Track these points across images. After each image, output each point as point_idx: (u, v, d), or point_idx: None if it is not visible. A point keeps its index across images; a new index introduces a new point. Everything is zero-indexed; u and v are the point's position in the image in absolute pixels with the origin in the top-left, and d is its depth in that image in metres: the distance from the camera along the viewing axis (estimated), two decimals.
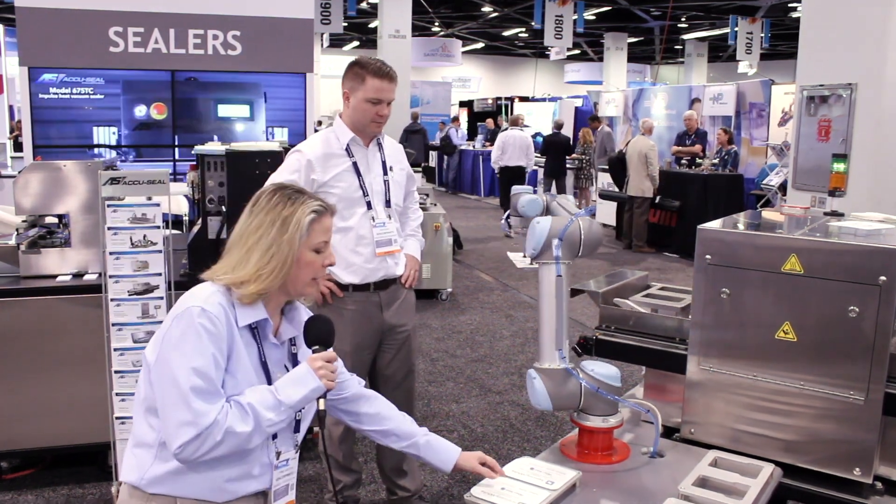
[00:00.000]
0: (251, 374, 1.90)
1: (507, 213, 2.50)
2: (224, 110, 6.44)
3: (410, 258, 3.41)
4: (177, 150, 6.37)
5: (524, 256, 2.64)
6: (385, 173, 3.28)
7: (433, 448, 2.21)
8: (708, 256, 2.29)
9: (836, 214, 2.67)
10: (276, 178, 3.14)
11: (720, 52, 26.43)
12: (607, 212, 12.55)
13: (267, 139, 6.37)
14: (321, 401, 1.92)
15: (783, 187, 9.07)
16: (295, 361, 2.04)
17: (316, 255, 1.95)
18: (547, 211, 2.38)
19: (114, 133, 6.25)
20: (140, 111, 6.26)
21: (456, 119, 21.66)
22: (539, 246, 2.23)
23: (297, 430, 2.04)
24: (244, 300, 1.88)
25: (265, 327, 1.95)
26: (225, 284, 1.89)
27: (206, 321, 1.81)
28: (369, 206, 3.20)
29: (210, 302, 1.84)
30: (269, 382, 1.93)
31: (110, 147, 6.22)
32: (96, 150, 6.17)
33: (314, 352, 1.95)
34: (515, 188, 2.50)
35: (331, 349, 1.98)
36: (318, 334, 1.97)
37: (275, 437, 1.97)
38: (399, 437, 2.22)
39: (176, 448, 1.77)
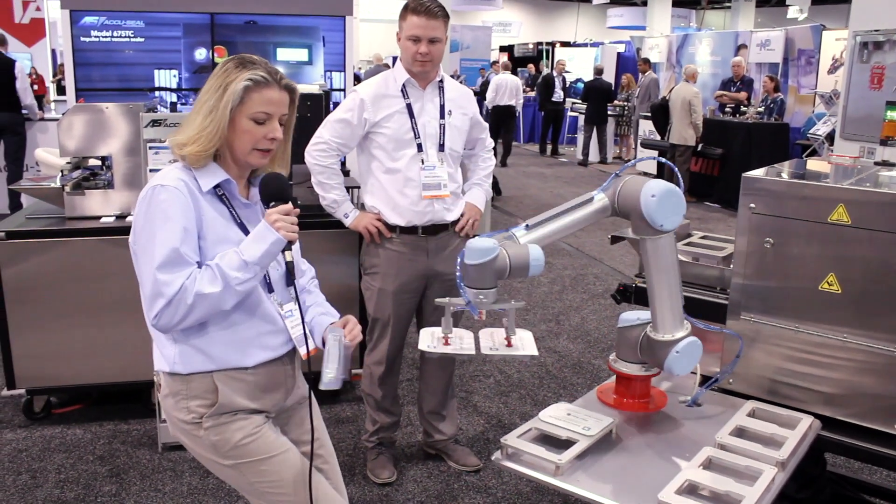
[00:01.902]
0: (228, 234, 1.97)
1: (459, 298, 2.01)
2: (283, 54, 6.42)
3: (470, 206, 3.38)
4: None
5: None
6: (442, 117, 3.24)
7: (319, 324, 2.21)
8: (752, 205, 2.24)
9: (887, 164, 2.60)
10: (332, 117, 3.23)
11: None
12: (649, 160, 12.37)
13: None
14: (287, 253, 1.97)
15: (830, 137, 8.85)
16: None
17: (255, 125, 1.96)
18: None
19: (174, 76, 6.28)
20: (200, 54, 6.27)
21: (496, 63, 21.34)
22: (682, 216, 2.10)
23: (289, 283, 2.10)
24: (191, 162, 1.94)
25: (231, 189, 2.02)
26: (172, 149, 1.97)
27: (165, 195, 1.88)
28: (420, 148, 3.19)
29: (167, 178, 1.92)
30: None
31: (155, 89, 6.25)
32: (156, 93, 6.22)
33: (269, 207, 1.99)
34: (470, 244, 1.98)
35: (289, 203, 1.99)
36: (272, 190, 2.00)
37: (272, 290, 2.06)
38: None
39: (152, 319, 1.87)
